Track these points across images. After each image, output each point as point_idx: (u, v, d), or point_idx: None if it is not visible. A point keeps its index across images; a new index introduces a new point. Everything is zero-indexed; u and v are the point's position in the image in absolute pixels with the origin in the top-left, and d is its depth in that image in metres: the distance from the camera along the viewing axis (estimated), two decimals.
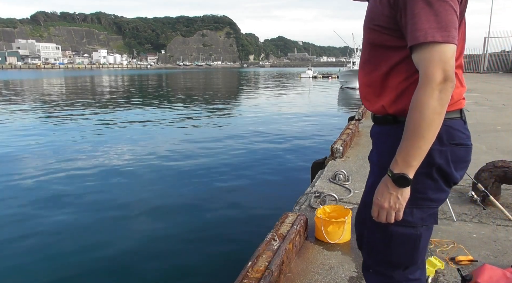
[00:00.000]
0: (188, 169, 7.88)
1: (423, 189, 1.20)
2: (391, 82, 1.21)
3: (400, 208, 1.13)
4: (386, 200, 1.13)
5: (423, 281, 1.36)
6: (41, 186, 6.72)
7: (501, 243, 2.57)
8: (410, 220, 1.21)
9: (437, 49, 1.03)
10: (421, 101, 1.05)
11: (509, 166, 3.05)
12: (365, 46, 1.30)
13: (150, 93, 31.07)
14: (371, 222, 1.24)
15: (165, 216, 5.51)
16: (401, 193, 1.11)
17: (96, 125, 13.61)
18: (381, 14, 1.16)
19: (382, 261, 1.30)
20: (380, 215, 1.16)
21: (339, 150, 4.81)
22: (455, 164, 1.21)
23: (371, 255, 1.35)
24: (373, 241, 1.31)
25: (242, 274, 2.00)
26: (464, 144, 1.23)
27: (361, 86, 1.36)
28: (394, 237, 1.23)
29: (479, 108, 9.22)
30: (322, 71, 69.53)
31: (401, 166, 1.09)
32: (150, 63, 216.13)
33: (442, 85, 1.03)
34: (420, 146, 1.06)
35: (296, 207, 3.35)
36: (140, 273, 3.99)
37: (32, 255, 4.34)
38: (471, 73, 27.88)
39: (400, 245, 1.24)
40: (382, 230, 1.23)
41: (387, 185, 1.12)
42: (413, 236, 1.23)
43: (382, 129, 1.28)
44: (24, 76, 69.49)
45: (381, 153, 1.28)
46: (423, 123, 1.05)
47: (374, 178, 1.29)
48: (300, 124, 13.81)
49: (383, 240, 1.26)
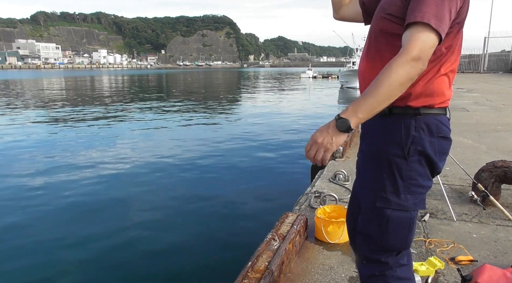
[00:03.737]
0: (187, 169, 7.88)
1: (415, 176, 1.30)
2: None
3: (329, 148, 1.21)
4: (321, 136, 1.21)
5: (411, 266, 1.46)
6: (38, 185, 6.72)
7: (501, 243, 2.57)
8: (406, 204, 1.31)
9: (425, 33, 1.14)
10: (392, 67, 1.14)
11: (509, 166, 3.05)
12: (374, 34, 1.36)
13: (150, 93, 31.06)
14: (368, 209, 1.35)
15: (165, 216, 5.51)
16: (336, 136, 1.20)
17: (96, 125, 13.60)
18: (394, 4, 1.26)
19: (376, 249, 1.37)
20: (311, 149, 1.23)
21: (339, 150, 4.82)
22: (440, 155, 1.33)
23: (365, 244, 1.40)
24: (368, 229, 1.37)
25: (242, 274, 2.00)
26: (448, 137, 1.35)
27: (363, 72, 1.39)
28: (391, 221, 1.32)
29: (479, 108, 9.22)
30: (322, 71, 69.45)
31: (348, 113, 1.18)
32: (150, 63, 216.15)
33: (415, 62, 1.12)
34: (372, 102, 1.15)
35: (296, 207, 3.35)
36: (140, 273, 3.98)
37: (33, 254, 4.34)
38: (471, 73, 27.89)
39: (396, 229, 1.33)
40: (379, 216, 1.32)
41: (329, 126, 1.22)
42: (407, 219, 1.33)
43: (378, 121, 1.32)
44: (24, 76, 69.49)
45: (375, 143, 1.36)
46: (384, 85, 1.14)
47: (368, 168, 1.37)
48: (300, 124, 13.81)
49: (379, 226, 1.33)
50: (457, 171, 3.78)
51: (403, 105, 1.29)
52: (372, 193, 1.33)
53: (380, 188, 1.31)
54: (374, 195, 1.32)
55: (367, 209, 1.35)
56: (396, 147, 1.29)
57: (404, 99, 1.27)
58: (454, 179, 3.83)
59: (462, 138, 5.77)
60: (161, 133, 12.21)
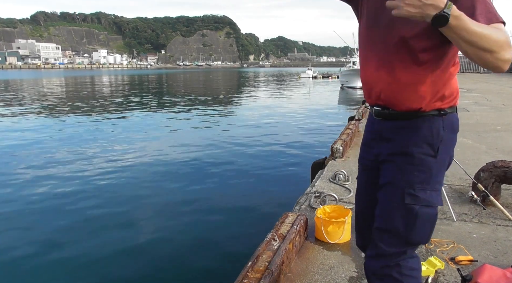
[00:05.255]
0: (187, 169, 7.88)
1: (440, 173, 1.41)
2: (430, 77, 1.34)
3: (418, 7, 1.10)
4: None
5: (419, 258, 1.54)
6: (34, 185, 6.72)
7: (501, 243, 2.57)
8: (433, 200, 1.39)
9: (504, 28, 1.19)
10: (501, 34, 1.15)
11: (509, 166, 3.05)
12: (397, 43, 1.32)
13: (150, 93, 31.05)
14: (394, 207, 1.40)
15: (165, 217, 5.51)
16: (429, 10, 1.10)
17: (95, 125, 13.61)
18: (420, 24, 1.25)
19: (398, 243, 1.42)
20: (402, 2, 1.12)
21: (339, 150, 4.81)
22: (453, 150, 1.46)
23: (386, 240, 1.43)
24: (393, 226, 1.41)
25: (242, 274, 2.00)
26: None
27: (395, 84, 1.36)
28: (419, 217, 1.38)
29: (479, 108, 9.22)
30: (322, 71, 69.35)
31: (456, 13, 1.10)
32: (150, 63, 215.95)
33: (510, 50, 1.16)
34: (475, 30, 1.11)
35: (296, 207, 3.35)
36: (140, 272, 3.99)
37: (32, 251, 4.35)
38: (471, 73, 27.89)
39: (423, 224, 1.40)
40: (408, 213, 1.38)
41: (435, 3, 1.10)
42: (433, 215, 1.41)
43: (405, 124, 1.39)
44: (24, 76, 69.48)
45: (405, 144, 1.39)
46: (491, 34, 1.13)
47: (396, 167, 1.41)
48: (300, 124, 13.81)
49: (407, 222, 1.39)
50: (457, 171, 3.78)
51: (434, 108, 1.36)
52: (400, 191, 1.38)
53: (410, 185, 1.37)
54: (403, 193, 1.38)
55: (393, 206, 1.40)
56: (427, 147, 1.37)
57: (434, 102, 1.36)
58: (454, 179, 3.83)
59: (462, 138, 5.76)
60: (161, 133, 12.21)
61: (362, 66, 1.49)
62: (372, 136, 1.53)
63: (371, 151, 1.53)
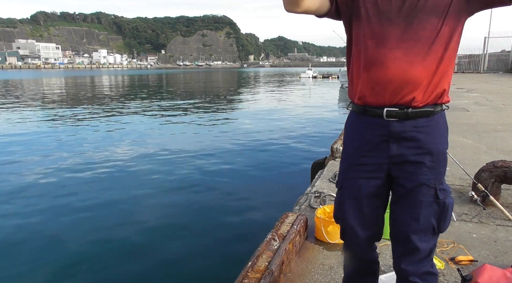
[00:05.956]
0: (187, 169, 7.88)
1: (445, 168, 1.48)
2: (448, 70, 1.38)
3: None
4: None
5: None
6: (38, 186, 6.72)
7: (501, 243, 2.57)
8: (449, 189, 1.47)
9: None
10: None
11: (509, 166, 3.05)
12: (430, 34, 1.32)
13: (150, 93, 31.05)
14: (428, 205, 1.42)
15: (165, 216, 5.51)
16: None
17: (96, 125, 13.61)
18: None
19: (431, 238, 1.46)
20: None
21: (339, 150, 4.81)
22: None
23: (423, 239, 1.45)
24: (429, 223, 1.44)
25: (242, 274, 2.00)
26: None
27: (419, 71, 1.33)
28: (449, 208, 1.45)
29: (479, 108, 9.22)
30: (322, 71, 69.29)
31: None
32: (150, 63, 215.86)
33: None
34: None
35: (296, 207, 3.35)
36: (140, 272, 3.99)
37: (32, 251, 4.35)
38: (471, 73, 27.87)
39: (450, 213, 1.47)
40: (442, 207, 1.43)
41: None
42: (453, 202, 1.49)
43: (426, 122, 1.39)
44: (24, 76, 69.47)
45: (431, 141, 1.41)
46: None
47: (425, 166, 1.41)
48: (300, 124, 13.81)
49: (440, 216, 1.44)
50: (457, 171, 3.78)
51: (443, 102, 1.41)
52: (433, 189, 1.42)
53: (439, 181, 1.43)
54: (435, 190, 1.42)
55: (427, 205, 1.42)
56: (445, 142, 1.45)
57: (443, 97, 1.40)
58: (454, 179, 3.83)
59: (462, 138, 5.76)
60: (161, 133, 12.21)
61: (377, 66, 1.35)
62: (381, 139, 1.42)
63: (382, 154, 1.43)
